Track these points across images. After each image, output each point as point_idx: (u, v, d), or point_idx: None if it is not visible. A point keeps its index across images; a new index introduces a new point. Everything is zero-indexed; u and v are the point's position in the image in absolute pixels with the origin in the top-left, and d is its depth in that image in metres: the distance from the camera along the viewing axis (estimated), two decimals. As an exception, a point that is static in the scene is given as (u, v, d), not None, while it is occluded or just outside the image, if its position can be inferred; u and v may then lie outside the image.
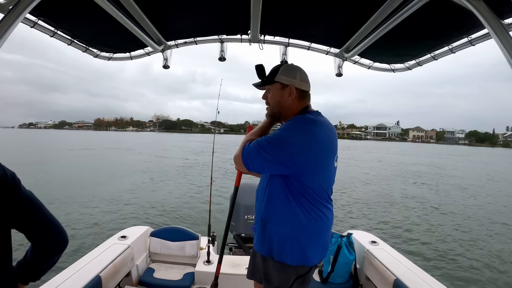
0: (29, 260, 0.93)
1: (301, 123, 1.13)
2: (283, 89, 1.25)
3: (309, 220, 1.15)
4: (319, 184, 1.15)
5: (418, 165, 24.15)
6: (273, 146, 1.11)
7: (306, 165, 1.11)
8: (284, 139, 1.11)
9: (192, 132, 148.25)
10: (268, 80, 1.27)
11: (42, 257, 0.93)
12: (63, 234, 0.94)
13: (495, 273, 5.04)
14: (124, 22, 1.56)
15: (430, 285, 1.82)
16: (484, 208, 9.78)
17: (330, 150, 1.17)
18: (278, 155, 1.10)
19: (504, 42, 1.00)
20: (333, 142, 1.19)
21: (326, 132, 1.16)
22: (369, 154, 34.44)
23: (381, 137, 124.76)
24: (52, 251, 0.93)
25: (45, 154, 22.98)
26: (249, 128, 1.44)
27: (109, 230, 5.97)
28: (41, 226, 0.89)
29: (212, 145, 3.08)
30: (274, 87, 1.26)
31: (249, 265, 1.44)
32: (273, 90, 1.27)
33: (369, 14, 1.48)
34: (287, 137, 1.11)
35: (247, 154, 1.16)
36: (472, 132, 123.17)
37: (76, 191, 9.47)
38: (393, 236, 6.54)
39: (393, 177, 16.16)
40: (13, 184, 0.84)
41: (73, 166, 16.42)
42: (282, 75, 1.24)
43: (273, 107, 1.28)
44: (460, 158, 35.58)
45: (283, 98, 1.25)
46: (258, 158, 1.14)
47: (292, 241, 1.16)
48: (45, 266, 0.95)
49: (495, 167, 25.68)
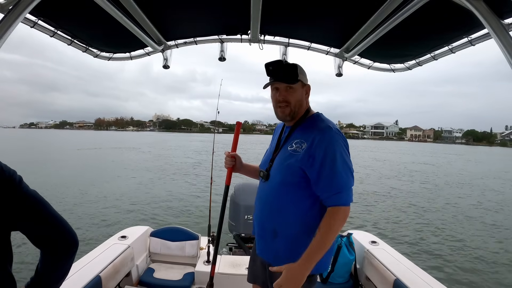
0: (40, 272, 0.84)
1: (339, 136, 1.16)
2: (303, 88, 1.24)
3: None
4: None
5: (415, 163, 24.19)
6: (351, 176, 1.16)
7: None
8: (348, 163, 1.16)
9: (191, 131, 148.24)
10: (293, 78, 1.20)
11: (53, 263, 0.85)
12: (73, 235, 0.86)
13: (495, 273, 5.04)
14: (124, 22, 1.56)
15: (430, 285, 1.82)
16: (484, 208, 9.78)
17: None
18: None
19: (504, 42, 1.00)
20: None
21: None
22: (366, 153, 34.47)
23: (378, 136, 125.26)
24: (62, 255, 0.85)
25: (55, 154, 23.10)
26: (238, 124, 1.51)
27: (109, 230, 5.97)
28: (48, 227, 0.82)
29: (213, 145, 3.08)
30: (297, 86, 1.21)
31: (249, 269, 1.42)
32: (296, 89, 1.21)
33: (369, 14, 1.48)
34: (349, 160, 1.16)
35: (347, 202, 1.13)
36: (470, 131, 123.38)
37: (82, 190, 9.48)
38: (393, 236, 6.53)
39: (392, 177, 16.17)
40: (11, 183, 0.76)
41: (84, 165, 16.50)
42: (301, 75, 1.22)
43: (295, 106, 1.22)
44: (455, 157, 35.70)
45: (303, 97, 1.24)
46: (350, 193, 1.15)
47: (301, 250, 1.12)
48: (58, 274, 0.87)
49: (490, 166, 25.74)
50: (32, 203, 0.79)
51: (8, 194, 0.75)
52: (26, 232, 0.80)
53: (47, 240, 0.82)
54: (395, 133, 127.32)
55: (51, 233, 0.82)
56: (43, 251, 0.84)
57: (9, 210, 0.76)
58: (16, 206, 0.77)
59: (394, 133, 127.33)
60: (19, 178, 0.79)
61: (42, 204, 0.81)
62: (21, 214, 0.78)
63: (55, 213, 0.84)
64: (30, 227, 0.80)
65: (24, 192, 0.78)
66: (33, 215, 0.79)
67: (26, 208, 0.78)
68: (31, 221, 0.79)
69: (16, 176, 0.78)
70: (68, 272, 0.89)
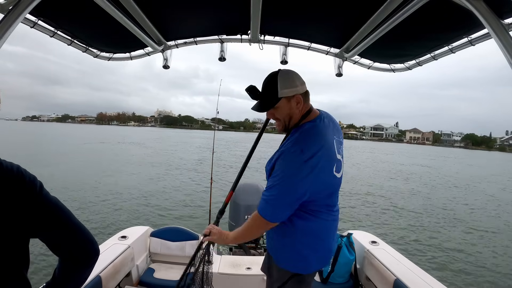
0: (58, 278, 0.82)
1: (293, 159, 1.09)
2: (289, 102, 1.17)
3: (302, 230, 1.18)
4: (315, 197, 1.14)
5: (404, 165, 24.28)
6: (280, 196, 1.10)
7: (309, 193, 1.11)
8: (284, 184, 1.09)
9: (192, 128, 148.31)
10: (272, 101, 1.17)
11: (72, 271, 0.83)
12: (94, 244, 0.84)
13: (495, 273, 5.03)
14: (124, 22, 1.56)
15: (430, 285, 1.82)
16: (484, 207, 9.78)
17: (325, 168, 1.12)
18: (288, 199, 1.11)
19: (504, 42, 0.99)
20: (328, 155, 1.14)
21: (318, 150, 1.10)
22: (363, 154, 34.55)
23: (377, 138, 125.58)
24: (83, 264, 0.83)
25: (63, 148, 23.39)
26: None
27: (109, 230, 5.97)
28: (69, 235, 0.80)
29: (213, 144, 3.08)
30: (280, 104, 1.17)
31: (264, 259, 1.48)
32: (280, 107, 1.18)
33: (369, 14, 1.48)
34: (286, 182, 1.09)
35: (265, 215, 1.13)
36: (469, 135, 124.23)
37: (84, 189, 9.47)
38: (393, 236, 6.54)
39: (390, 176, 16.17)
40: (32, 189, 0.74)
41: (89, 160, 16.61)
42: (284, 89, 1.15)
43: (285, 120, 1.21)
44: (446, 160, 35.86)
45: (292, 109, 1.18)
46: (275, 210, 1.12)
47: (287, 251, 1.22)
48: (76, 282, 0.86)
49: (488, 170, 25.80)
50: (52, 210, 0.77)
51: (28, 201, 0.73)
52: (46, 239, 0.78)
53: (67, 248, 0.80)
54: (394, 135, 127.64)
55: (71, 242, 0.80)
56: (62, 259, 0.82)
57: (29, 217, 0.74)
58: (36, 213, 0.74)
59: (393, 134, 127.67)
60: (39, 184, 0.76)
61: (62, 211, 0.79)
62: (41, 222, 0.76)
63: (76, 221, 0.81)
64: (50, 235, 0.78)
65: (44, 199, 0.76)
66: (53, 223, 0.77)
67: (46, 216, 0.76)
68: (51, 229, 0.78)
69: (37, 182, 0.76)
70: (85, 280, 0.88)
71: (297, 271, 1.22)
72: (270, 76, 1.19)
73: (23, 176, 0.74)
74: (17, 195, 0.72)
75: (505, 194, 13.40)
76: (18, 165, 0.76)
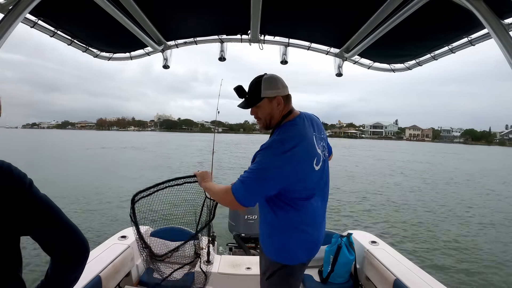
0: (50, 278, 0.82)
1: (273, 149, 1.18)
2: (271, 102, 1.29)
3: (286, 221, 1.25)
4: (294, 188, 1.21)
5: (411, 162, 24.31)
6: (256, 180, 1.16)
7: (285, 183, 1.18)
8: (262, 170, 1.16)
9: (192, 131, 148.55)
10: (255, 100, 1.30)
11: (64, 270, 0.83)
12: (84, 242, 0.83)
13: (495, 273, 5.03)
14: (124, 22, 1.56)
15: (430, 285, 1.82)
16: (484, 206, 9.78)
17: (304, 161, 1.20)
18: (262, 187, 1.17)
19: (504, 42, 1.00)
20: (308, 148, 1.21)
21: (298, 142, 1.18)
22: (363, 153, 34.59)
23: (377, 136, 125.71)
24: (73, 262, 0.83)
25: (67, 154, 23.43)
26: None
27: (109, 230, 5.97)
28: (59, 232, 0.79)
29: (213, 144, 3.08)
30: (262, 103, 1.30)
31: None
32: (262, 106, 1.30)
33: (369, 14, 1.48)
34: (265, 168, 1.16)
35: (237, 193, 1.18)
36: (468, 131, 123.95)
37: (86, 191, 9.47)
38: (393, 236, 6.54)
39: (390, 174, 16.17)
40: (22, 185, 0.74)
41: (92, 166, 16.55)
42: (267, 90, 1.27)
43: (265, 119, 1.33)
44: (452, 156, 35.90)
45: (273, 110, 1.30)
46: (248, 193, 1.17)
47: (273, 242, 1.30)
48: (69, 281, 0.85)
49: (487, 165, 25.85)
50: (42, 207, 0.77)
51: (18, 198, 0.73)
52: (36, 237, 0.78)
53: (58, 247, 0.80)
54: (393, 132, 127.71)
55: (61, 239, 0.80)
56: (53, 257, 0.82)
57: (18, 214, 0.74)
58: (25, 210, 0.74)
59: (393, 132, 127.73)
60: (29, 181, 0.77)
61: (52, 209, 0.79)
62: (31, 218, 0.76)
63: (66, 219, 0.81)
64: (39, 232, 0.78)
65: (34, 196, 0.76)
66: (42, 220, 0.77)
67: (36, 212, 0.76)
68: (41, 226, 0.77)
69: (27, 180, 0.76)
70: (78, 278, 0.88)
71: (283, 261, 1.27)
72: (256, 78, 1.32)
73: (11, 173, 0.74)
74: (6, 190, 0.72)
75: (504, 189, 13.38)
76: (9, 163, 0.76)
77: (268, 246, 1.32)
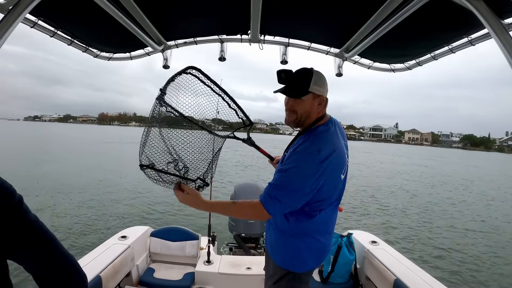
0: None
1: (310, 158, 1.09)
2: (314, 99, 1.20)
3: (300, 229, 1.20)
4: (319, 198, 1.14)
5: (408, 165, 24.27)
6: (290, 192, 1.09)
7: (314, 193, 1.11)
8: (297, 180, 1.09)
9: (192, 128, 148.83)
10: (301, 91, 1.18)
11: None
12: (83, 278, 0.72)
13: (495, 273, 5.04)
14: (124, 22, 1.56)
15: (430, 285, 1.82)
16: (484, 207, 9.78)
17: (336, 171, 1.14)
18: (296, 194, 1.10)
19: (504, 42, 1.00)
20: (339, 159, 1.15)
21: (332, 152, 1.11)
22: (362, 155, 34.58)
23: (376, 138, 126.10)
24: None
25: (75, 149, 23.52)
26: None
27: (109, 230, 5.97)
28: (51, 263, 0.68)
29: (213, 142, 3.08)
30: (307, 97, 1.18)
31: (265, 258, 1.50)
32: (305, 100, 1.19)
33: (369, 14, 1.48)
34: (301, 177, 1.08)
35: (269, 207, 1.10)
36: (467, 136, 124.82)
37: (86, 187, 9.47)
38: (393, 236, 6.54)
39: (389, 176, 16.18)
40: (9, 197, 0.65)
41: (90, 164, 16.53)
42: (315, 85, 1.17)
43: (301, 116, 1.21)
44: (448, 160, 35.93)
45: (313, 108, 1.20)
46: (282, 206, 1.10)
47: (283, 249, 1.25)
48: None
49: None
50: (30, 226, 0.67)
51: (3, 212, 0.64)
52: (23, 262, 0.67)
53: (48, 279, 0.68)
54: (393, 135, 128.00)
55: (52, 271, 0.68)
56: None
57: (2, 228, 0.64)
58: (10, 225, 0.65)
59: (392, 135, 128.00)
60: (18, 197, 0.67)
61: (42, 231, 0.68)
62: (16, 236, 0.66)
63: (61, 247, 0.70)
64: (26, 255, 0.67)
65: (23, 212, 0.67)
66: (28, 241, 0.67)
67: (22, 230, 0.66)
68: (25, 248, 0.66)
69: (16, 194, 0.67)
70: None
71: (292, 269, 1.23)
72: (306, 69, 1.20)
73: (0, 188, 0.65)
74: None
75: (501, 194, 13.40)
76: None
77: (276, 252, 1.28)
